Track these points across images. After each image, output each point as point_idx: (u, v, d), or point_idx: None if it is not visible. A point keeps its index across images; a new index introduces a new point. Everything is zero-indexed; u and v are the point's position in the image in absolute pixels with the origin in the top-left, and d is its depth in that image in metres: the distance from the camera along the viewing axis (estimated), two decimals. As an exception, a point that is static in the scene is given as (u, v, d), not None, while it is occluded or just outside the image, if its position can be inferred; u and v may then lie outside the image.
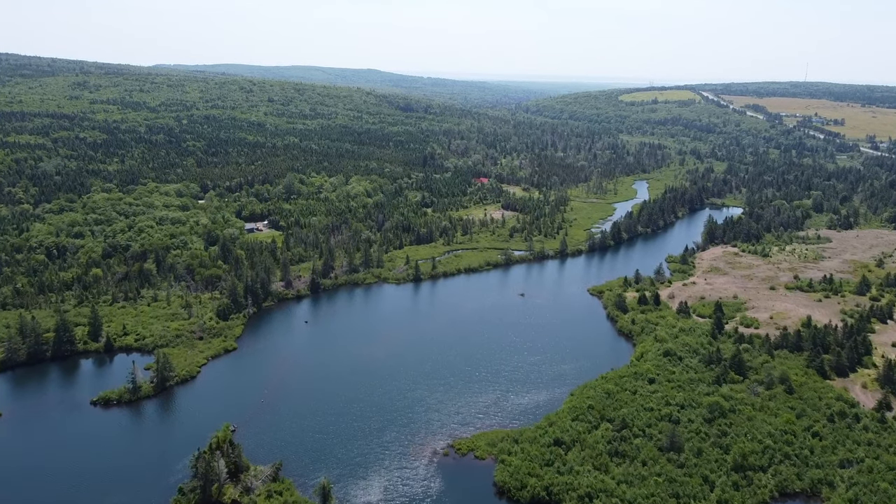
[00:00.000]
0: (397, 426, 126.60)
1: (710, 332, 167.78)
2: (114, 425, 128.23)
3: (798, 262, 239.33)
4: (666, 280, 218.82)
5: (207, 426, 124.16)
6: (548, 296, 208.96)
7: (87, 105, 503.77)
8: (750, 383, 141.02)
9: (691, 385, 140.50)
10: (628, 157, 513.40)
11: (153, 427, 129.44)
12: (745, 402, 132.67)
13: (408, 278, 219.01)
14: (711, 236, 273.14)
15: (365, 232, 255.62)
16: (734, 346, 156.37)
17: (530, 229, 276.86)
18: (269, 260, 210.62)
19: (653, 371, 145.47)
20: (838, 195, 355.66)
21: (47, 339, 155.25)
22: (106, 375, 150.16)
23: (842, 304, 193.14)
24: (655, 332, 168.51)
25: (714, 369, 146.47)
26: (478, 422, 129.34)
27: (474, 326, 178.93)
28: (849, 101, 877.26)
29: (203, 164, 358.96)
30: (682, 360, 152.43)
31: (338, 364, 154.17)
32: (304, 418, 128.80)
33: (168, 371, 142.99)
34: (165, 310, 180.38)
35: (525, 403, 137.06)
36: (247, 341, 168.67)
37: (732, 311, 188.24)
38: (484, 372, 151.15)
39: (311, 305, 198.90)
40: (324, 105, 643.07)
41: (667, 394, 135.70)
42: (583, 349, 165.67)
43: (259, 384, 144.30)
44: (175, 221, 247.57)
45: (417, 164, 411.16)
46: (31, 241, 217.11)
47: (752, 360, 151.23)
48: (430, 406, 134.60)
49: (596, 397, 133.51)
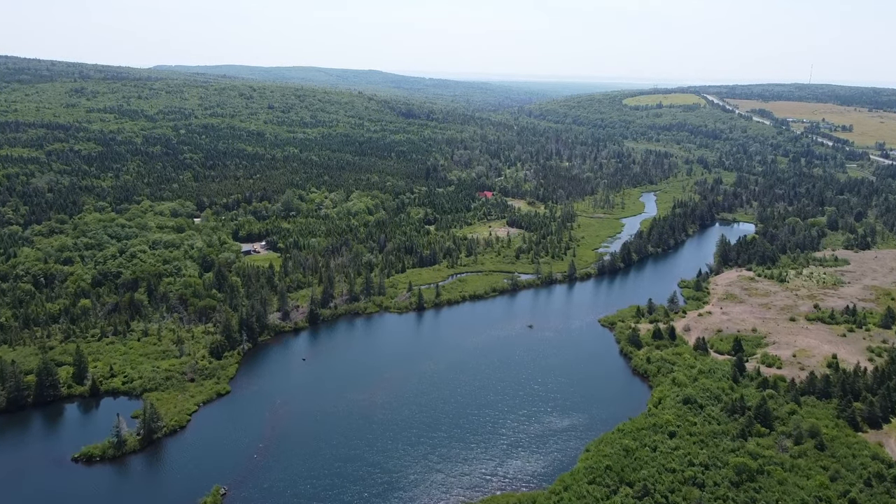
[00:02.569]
0: (398, 490, 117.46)
1: (731, 375, 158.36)
2: (96, 486, 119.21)
3: (817, 287, 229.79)
4: (680, 309, 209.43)
5: (196, 487, 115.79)
6: (557, 327, 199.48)
7: (84, 114, 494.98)
8: (777, 436, 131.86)
9: (714, 439, 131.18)
10: (634, 167, 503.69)
11: (138, 488, 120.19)
12: (774, 462, 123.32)
13: (410, 307, 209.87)
14: (725, 258, 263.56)
15: (366, 255, 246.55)
16: (758, 393, 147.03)
17: (537, 250, 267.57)
18: (265, 290, 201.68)
19: (673, 422, 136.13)
20: (853, 211, 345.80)
21: (29, 383, 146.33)
22: (90, 424, 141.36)
23: (867, 339, 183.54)
24: (673, 375, 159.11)
25: (738, 419, 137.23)
26: (486, 484, 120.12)
27: (480, 367, 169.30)
28: (855, 104, 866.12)
29: (200, 177, 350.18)
30: (704, 409, 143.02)
31: (336, 412, 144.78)
32: (298, 482, 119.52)
33: (155, 421, 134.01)
34: (156, 346, 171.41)
35: (537, 461, 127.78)
36: (241, 383, 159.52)
37: (752, 346, 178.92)
38: (492, 422, 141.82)
39: (310, 339, 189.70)
40: (325, 112, 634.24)
41: (689, 451, 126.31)
42: (596, 392, 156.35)
43: (253, 435, 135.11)
44: (169, 245, 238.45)
45: (420, 177, 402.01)
46: (19, 268, 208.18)
47: (778, 408, 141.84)
48: (433, 466, 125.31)
49: (613, 455, 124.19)
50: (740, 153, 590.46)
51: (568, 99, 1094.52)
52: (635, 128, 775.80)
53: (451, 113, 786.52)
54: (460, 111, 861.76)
